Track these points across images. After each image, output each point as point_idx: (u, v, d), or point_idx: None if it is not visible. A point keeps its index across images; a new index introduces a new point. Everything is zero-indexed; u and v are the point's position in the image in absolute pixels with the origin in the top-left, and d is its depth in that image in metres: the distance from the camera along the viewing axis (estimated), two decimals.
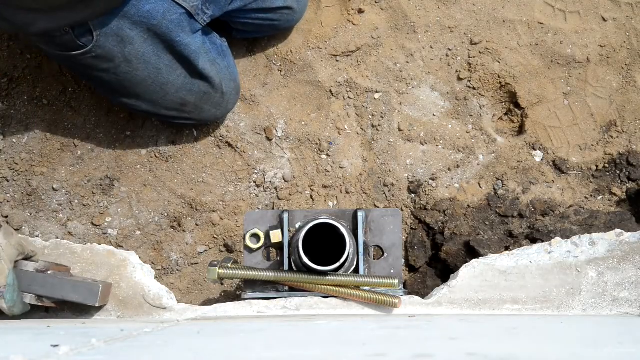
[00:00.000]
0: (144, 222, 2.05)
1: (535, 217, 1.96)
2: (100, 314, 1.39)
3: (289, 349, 1.04)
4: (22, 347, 1.04)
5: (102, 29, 1.65)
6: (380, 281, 1.35)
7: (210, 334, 1.20)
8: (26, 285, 1.29)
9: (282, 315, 1.35)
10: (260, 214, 1.47)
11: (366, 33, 2.12)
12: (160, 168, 2.08)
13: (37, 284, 1.30)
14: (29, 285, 1.29)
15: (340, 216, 1.45)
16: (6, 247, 1.26)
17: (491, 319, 1.30)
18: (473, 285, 1.36)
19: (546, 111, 2.08)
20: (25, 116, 2.10)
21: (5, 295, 1.24)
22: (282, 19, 2.01)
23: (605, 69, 2.09)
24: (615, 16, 2.10)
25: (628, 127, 2.05)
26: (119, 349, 1.02)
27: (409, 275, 2.00)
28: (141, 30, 1.70)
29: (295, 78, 2.12)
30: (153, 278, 1.44)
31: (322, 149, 2.07)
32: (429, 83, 2.11)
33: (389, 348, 0.99)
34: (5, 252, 1.25)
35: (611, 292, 1.33)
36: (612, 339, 1.10)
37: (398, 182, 2.04)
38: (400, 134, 2.08)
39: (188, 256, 2.04)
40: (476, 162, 2.06)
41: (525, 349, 1.01)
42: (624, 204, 1.99)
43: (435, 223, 1.97)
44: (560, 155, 2.05)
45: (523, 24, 2.11)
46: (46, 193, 2.06)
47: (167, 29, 1.73)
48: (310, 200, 2.05)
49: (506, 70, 2.08)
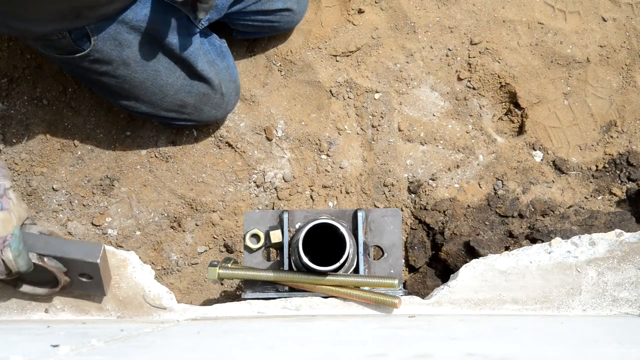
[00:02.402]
0: (144, 222, 2.05)
1: (535, 217, 1.96)
2: (100, 314, 1.39)
3: (289, 349, 1.04)
4: (22, 347, 1.04)
5: (100, 34, 1.65)
6: (380, 281, 1.34)
7: (210, 334, 1.20)
8: (29, 245, 1.30)
9: (282, 315, 1.35)
10: (260, 214, 1.47)
11: (366, 33, 2.12)
12: (160, 168, 2.08)
13: (40, 243, 1.31)
14: (32, 245, 1.30)
15: (340, 216, 1.45)
16: (17, 204, 1.28)
17: (491, 319, 1.30)
18: (473, 286, 1.36)
19: (546, 111, 2.08)
20: (25, 116, 2.10)
21: (12, 244, 1.25)
22: (282, 20, 2.01)
23: (605, 69, 2.09)
24: (615, 16, 2.10)
25: (628, 127, 2.05)
26: (119, 349, 1.02)
27: (409, 275, 2.00)
28: (139, 34, 1.70)
29: (295, 78, 2.12)
30: (153, 278, 1.44)
31: (322, 149, 2.07)
32: (429, 83, 2.11)
33: (389, 348, 0.99)
34: (15, 207, 1.27)
35: (611, 292, 1.33)
36: (612, 339, 1.10)
37: (398, 182, 2.04)
38: (400, 134, 2.08)
39: (188, 256, 2.04)
40: (476, 162, 2.06)
41: (525, 349, 1.01)
42: (624, 204, 1.99)
43: (435, 223, 1.97)
44: (560, 155, 2.05)
45: (523, 24, 2.11)
46: (46, 193, 2.06)
47: (164, 32, 1.73)
48: (310, 200, 2.05)
49: (506, 70, 2.08)
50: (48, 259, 1.31)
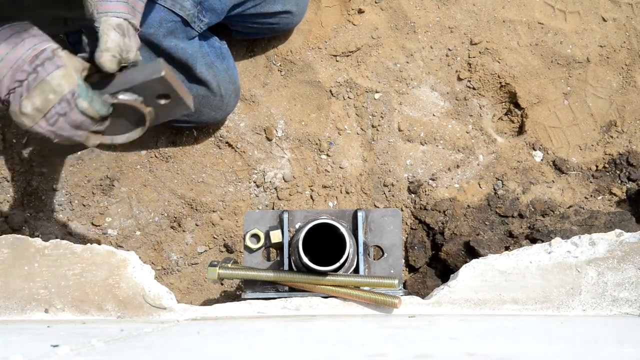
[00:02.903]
0: (144, 222, 2.05)
1: (535, 217, 1.96)
2: (100, 314, 1.39)
3: (289, 349, 1.04)
4: (22, 347, 1.04)
5: None
6: (380, 281, 1.34)
7: (210, 334, 1.20)
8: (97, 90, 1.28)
9: (282, 315, 1.35)
10: (260, 214, 1.47)
11: (366, 33, 2.12)
12: (160, 168, 2.08)
13: (104, 84, 1.29)
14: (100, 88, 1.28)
15: (340, 216, 1.45)
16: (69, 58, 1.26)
17: (491, 319, 1.30)
18: (473, 286, 1.36)
19: (546, 111, 2.08)
20: None
21: (81, 93, 1.24)
22: (282, 22, 2.00)
23: (605, 69, 2.09)
24: (615, 16, 2.10)
25: (628, 127, 2.05)
26: (119, 349, 1.02)
27: (409, 275, 2.00)
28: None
29: (295, 78, 2.12)
30: (153, 278, 1.43)
31: (322, 149, 2.07)
32: (429, 83, 2.11)
33: (389, 348, 0.99)
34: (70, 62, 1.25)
35: (611, 292, 1.33)
36: (612, 339, 1.10)
37: (398, 182, 2.04)
38: (400, 134, 2.08)
39: (188, 256, 2.04)
40: (476, 162, 2.06)
41: (525, 349, 1.01)
42: (624, 204, 1.99)
43: (435, 223, 1.97)
44: (560, 155, 2.05)
45: (523, 24, 2.11)
46: (46, 193, 2.06)
47: (163, 36, 1.73)
48: (310, 200, 2.05)
49: (506, 71, 2.08)
50: (121, 94, 1.29)
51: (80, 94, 1.24)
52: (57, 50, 1.25)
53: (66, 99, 1.23)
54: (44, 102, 1.23)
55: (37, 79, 1.22)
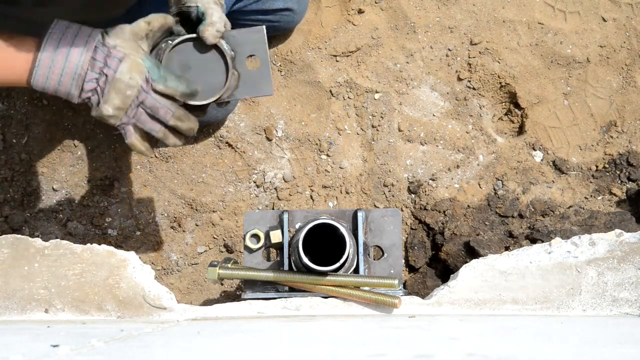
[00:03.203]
0: (144, 222, 2.05)
1: (535, 217, 1.96)
2: (100, 314, 1.39)
3: (289, 349, 1.04)
4: (22, 347, 1.04)
5: None
6: (380, 281, 1.34)
7: (210, 334, 1.20)
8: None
9: (282, 315, 1.35)
10: (260, 214, 1.47)
11: (366, 33, 2.12)
12: (160, 168, 2.08)
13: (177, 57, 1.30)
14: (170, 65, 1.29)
15: (340, 216, 1.45)
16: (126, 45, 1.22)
17: (491, 319, 1.30)
18: (473, 286, 1.36)
19: (546, 111, 2.08)
20: (25, 116, 2.10)
21: (152, 76, 1.21)
22: (282, 20, 2.01)
23: (605, 69, 2.09)
24: (615, 16, 2.10)
25: (628, 127, 2.05)
26: (119, 349, 1.02)
27: (409, 275, 2.00)
28: None
29: (295, 78, 2.12)
30: (153, 278, 1.43)
31: (322, 149, 2.07)
32: (429, 83, 2.11)
33: (389, 348, 0.99)
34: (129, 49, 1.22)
35: (611, 293, 1.33)
36: (612, 339, 1.10)
37: (398, 182, 2.04)
38: (400, 134, 2.08)
39: (188, 256, 2.04)
40: (476, 162, 2.06)
41: (525, 349, 1.01)
42: (624, 204, 1.99)
43: (435, 223, 1.97)
44: (560, 155, 2.05)
45: (523, 24, 2.11)
46: (46, 193, 2.06)
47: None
48: (310, 200, 2.05)
49: (506, 71, 2.08)
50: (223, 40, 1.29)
51: (152, 78, 1.22)
52: (107, 40, 1.21)
53: (141, 88, 1.22)
54: (123, 99, 1.22)
55: (107, 81, 1.21)
